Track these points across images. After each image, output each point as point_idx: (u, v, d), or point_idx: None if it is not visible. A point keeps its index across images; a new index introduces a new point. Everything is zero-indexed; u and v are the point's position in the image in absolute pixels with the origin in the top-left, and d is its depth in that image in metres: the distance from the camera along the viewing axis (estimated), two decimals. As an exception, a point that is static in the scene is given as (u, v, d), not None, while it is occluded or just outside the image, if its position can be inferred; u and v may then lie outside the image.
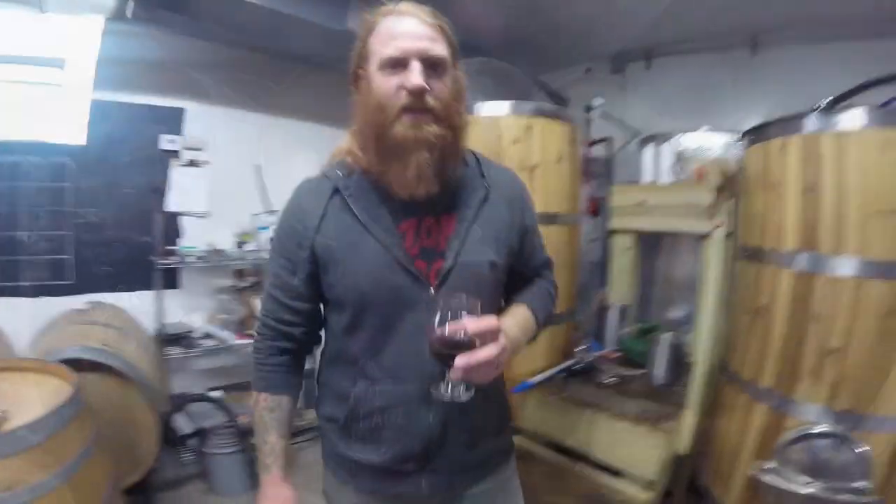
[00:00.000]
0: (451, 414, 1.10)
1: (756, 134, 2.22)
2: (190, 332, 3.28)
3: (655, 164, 3.08)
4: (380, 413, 1.12)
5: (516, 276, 1.27)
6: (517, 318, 1.16)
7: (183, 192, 3.40)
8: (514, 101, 2.77)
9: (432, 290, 1.07)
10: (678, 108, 4.00)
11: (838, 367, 1.83)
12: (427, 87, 0.99)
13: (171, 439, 2.77)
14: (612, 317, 3.16)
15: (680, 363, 2.68)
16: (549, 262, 1.37)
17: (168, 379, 2.97)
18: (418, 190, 1.05)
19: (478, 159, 1.22)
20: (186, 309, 3.45)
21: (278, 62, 3.71)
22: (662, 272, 3.38)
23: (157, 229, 3.09)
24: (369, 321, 1.10)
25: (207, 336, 3.32)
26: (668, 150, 3.04)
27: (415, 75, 0.98)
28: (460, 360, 0.88)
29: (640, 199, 3.06)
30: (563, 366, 2.75)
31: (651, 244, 3.36)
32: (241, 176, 3.70)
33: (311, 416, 3.68)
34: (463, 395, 0.96)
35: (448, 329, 0.90)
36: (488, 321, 0.93)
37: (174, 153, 3.38)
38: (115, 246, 3.21)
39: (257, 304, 3.62)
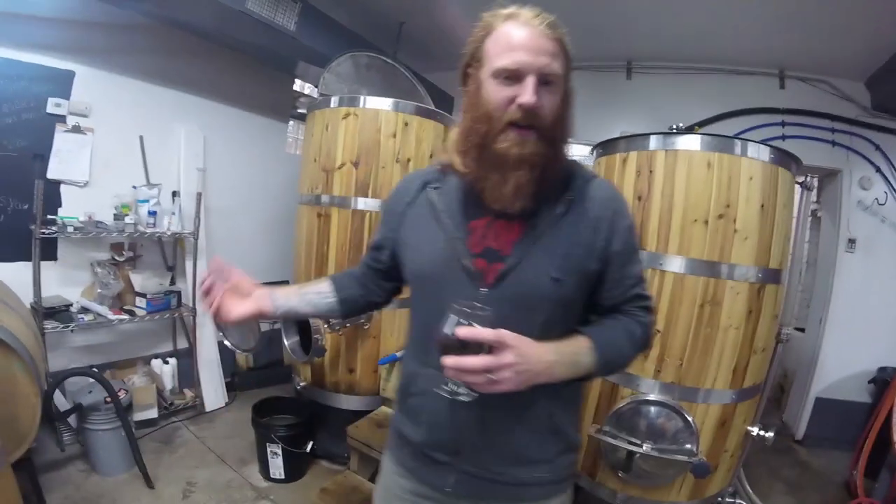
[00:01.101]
0: (488, 420, 1.10)
1: (605, 147, 2.55)
2: (68, 305, 3.12)
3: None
4: (422, 395, 1.15)
5: (596, 305, 1.15)
6: (564, 345, 1.04)
7: (65, 159, 3.21)
8: (395, 100, 2.98)
9: (484, 290, 1.05)
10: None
11: (663, 346, 2.19)
12: (539, 105, 0.98)
13: (49, 417, 2.65)
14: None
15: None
16: (640, 297, 1.15)
17: (46, 354, 2.84)
18: (513, 206, 1.04)
19: (574, 172, 1.13)
20: (63, 282, 3.27)
21: (171, 32, 3.56)
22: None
23: (39, 197, 2.90)
24: (424, 307, 1.16)
25: (84, 311, 3.18)
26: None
27: (529, 93, 0.96)
28: (447, 360, 0.89)
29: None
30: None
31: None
32: (124, 146, 3.54)
33: (190, 395, 3.67)
34: (461, 396, 0.99)
35: (445, 331, 0.92)
36: (485, 332, 0.90)
37: (60, 118, 3.19)
38: (-8, 212, 3.01)
39: (135, 279, 3.53)
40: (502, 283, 1.05)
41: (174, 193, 3.60)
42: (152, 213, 3.41)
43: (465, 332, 0.89)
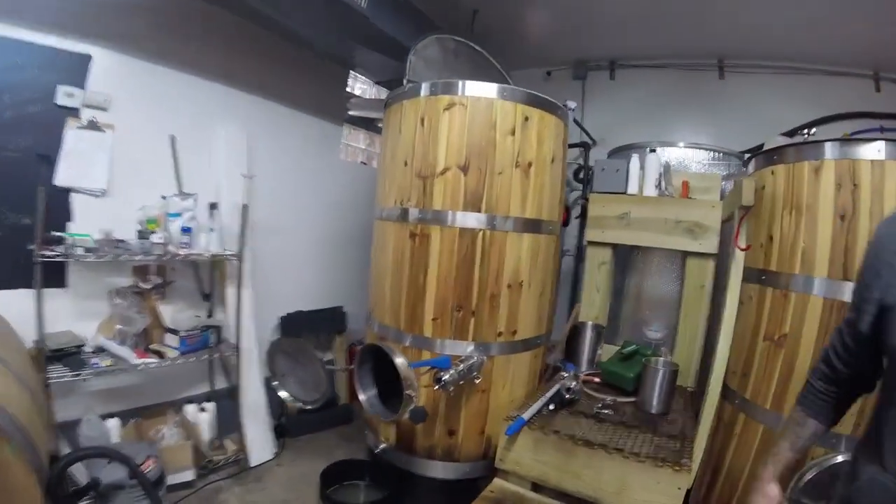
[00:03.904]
0: None
1: (777, 155, 2.15)
2: (80, 346, 2.40)
3: (640, 175, 2.79)
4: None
5: None
6: None
7: (78, 161, 2.50)
8: (510, 86, 2.28)
9: None
10: (639, 119, 3.92)
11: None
12: None
13: (58, 497, 1.94)
14: (587, 336, 2.81)
15: (673, 389, 2.38)
16: None
17: (53, 413, 2.12)
18: None
19: None
20: (75, 314, 2.54)
21: (210, 11, 2.93)
22: (633, 289, 3.09)
23: (41, 209, 2.22)
24: None
25: (101, 350, 2.47)
26: (654, 162, 2.75)
27: None
28: None
29: (624, 210, 2.77)
30: (550, 395, 2.30)
31: (622, 258, 3.06)
32: (151, 147, 2.84)
33: (232, 448, 2.95)
34: None
35: None
36: None
37: (73, 111, 2.48)
38: (-16, 228, 2.27)
39: (164, 311, 2.81)
40: None
41: (212, 205, 2.85)
42: (186, 230, 2.67)
43: None
